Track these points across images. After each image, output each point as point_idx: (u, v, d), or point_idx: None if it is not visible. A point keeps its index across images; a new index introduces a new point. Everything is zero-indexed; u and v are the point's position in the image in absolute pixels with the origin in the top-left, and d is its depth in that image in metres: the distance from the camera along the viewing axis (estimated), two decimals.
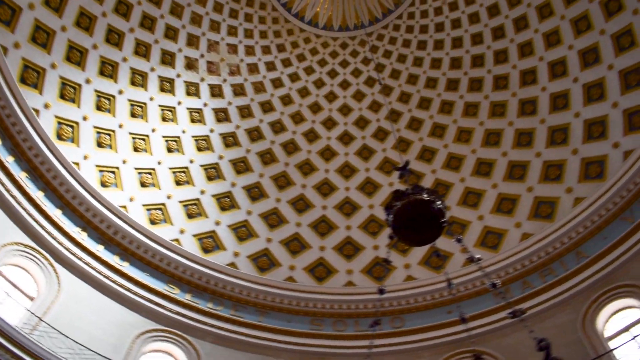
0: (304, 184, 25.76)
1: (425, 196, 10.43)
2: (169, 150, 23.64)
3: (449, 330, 19.08)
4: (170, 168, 23.26)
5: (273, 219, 24.22)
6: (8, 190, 16.47)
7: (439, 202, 10.42)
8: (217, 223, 22.95)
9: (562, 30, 23.41)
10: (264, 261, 22.69)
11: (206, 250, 21.93)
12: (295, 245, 23.65)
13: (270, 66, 28.47)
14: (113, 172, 21.23)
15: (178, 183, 23.14)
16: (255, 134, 26.51)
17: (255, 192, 24.77)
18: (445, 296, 20.22)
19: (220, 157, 24.94)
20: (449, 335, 19.08)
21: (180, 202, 22.71)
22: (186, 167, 23.71)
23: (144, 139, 22.96)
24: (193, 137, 24.70)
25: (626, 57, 20.80)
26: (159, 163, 22.96)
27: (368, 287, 21.43)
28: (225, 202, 23.84)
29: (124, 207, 20.56)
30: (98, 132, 21.40)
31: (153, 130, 23.37)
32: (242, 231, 23.30)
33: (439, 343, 19.25)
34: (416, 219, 10.42)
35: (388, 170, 25.80)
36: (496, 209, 22.92)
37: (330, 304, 21.19)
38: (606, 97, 21.24)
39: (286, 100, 28.17)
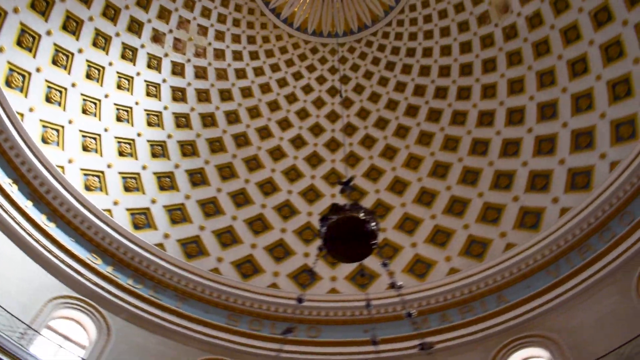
0: (248, 179, 25.53)
1: (361, 215, 10.45)
2: (119, 119, 23.10)
3: (361, 348, 19.12)
4: (116, 137, 22.71)
5: (210, 208, 23.90)
6: None
7: (373, 224, 10.45)
8: (153, 201, 22.50)
9: (527, 80, 24.05)
10: (193, 248, 22.32)
11: (137, 226, 21.43)
12: (227, 237, 23.36)
13: (237, 56, 28.23)
14: (57, 130, 20.58)
15: (121, 154, 22.62)
16: (209, 120, 26.17)
17: (197, 178, 24.41)
18: (364, 315, 20.41)
19: (169, 136, 24.51)
20: (360, 354, 19.18)
21: (120, 173, 22.17)
22: (132, 140, 23.19)
23: (95, 103, 22.37)
24: (145, 110, 24.21)
25: (581, 118, 21.50)
26: (106, 130, 22.38)
27: (291, 292, 21.27)
28: (166, 182, 23.42)
29: (61, 167, 19.95)
30: (49, 87, 20.75)
31: (106, 96, 22.81)
32: (177, 214, 22.89)
33: (349, 359, 19.42)
34: (348, 236, 10.44)
35: (333, 182, 25.89)
36: (430, 239, 23.31)
37: (251, 302, 21.03)
38: (555, 153, 21.90)
39: (246, 92, 27.94)
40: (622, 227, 18.16)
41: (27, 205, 18.00)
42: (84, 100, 22.00)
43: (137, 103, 23.92)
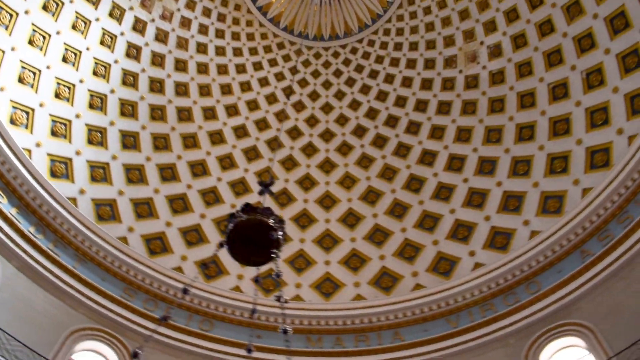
0: (181, 156, 24.70)
1: (270, 221, 10.22)
2: (65, 59, 21.96)
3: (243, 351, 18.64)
4: (57, 77, 21.49)
5: (134, 175, 22.91)
6: None
7: (280, 233, 10.22)
8: (78, 153, 21.36)
9: (475, 131, 24.69)
10: (106, 210, 21.24)
11: (54, 174, 20.22)
12: (143, 209, 22.43)
13: (203, 30, 27.53)
14: None
15: (57, 96, 21.44)
16: (157, 86, 25.31)
17: (129, 141, 23.43)
18: (261, 320, 20.07)
19: (112, 91, 23.46)
20: (246, 357, 18.80)
21: (51, 115, 20.95)
22: (73, 85, 22.03)
23: (44, 37, 21.18)
24: (95, 58, 23.11)
25: (516, 181, 22.25)
26: (48, 67, 21.16)
27: (194, 280, 20.44)
28: (96, 136, 22.38)
29: None
30: (0, 7, 19.60)
31: (58, 33, 21.61)
32: (99, 172, 21.80)
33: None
34: (252, 238, 10.21)
35: (265, 180, 25.37)
36: (344, 261, 23.29)
37: (151, 280, 20.02)
38: (484, 208, 22.45)
39: (202, 68, 27.26)
40: (527, 295, 18.86)
41: None
42: (34, 30, 20.79)
43: (88, 49, 22.81)
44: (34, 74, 20.69)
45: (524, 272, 19.39)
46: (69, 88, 21.89)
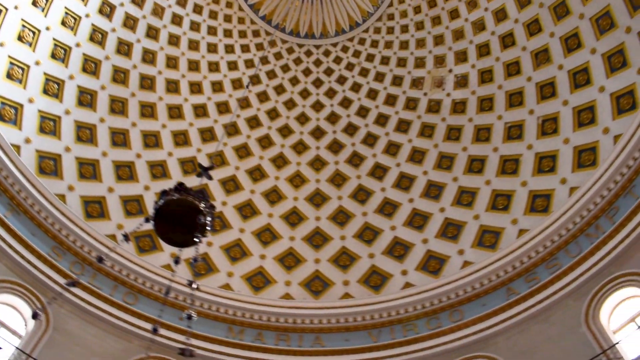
0: (135, 123, 23.97)
1: (202, 205, 10.17)
2: (35, 3, 20.93)
3: (171, 333, 17.87)
4: (23, 20, 20.60)
5: (84, 133, 22.09)
6: None
7: (208, 218, 10.18)
8: (31, 100, 20.35)
9: (429, 155, 25.22)
10: (48, 164, 20.33)
11: (2, 117, 19.18)
12: (88, 170, 21.68)
13: (182, 2, 27.00)
14: None
15: (20, 39, 20.52)
16: (124, 48, 24.50)
17: (86, 98, 22.55)
18: (187, 303, 19.82)
19: (78, 45, 22.58)
20: (159, 336, 18.35)
21: (10, 57, 20.05)
22: (39, 30, 21.13)
23: None
24: (66, 8, 22.14)
25: (459, 211, 22.84)
26: (16, 7, 20.21)
27: (127, 251, 19.89)
28: (52, 87, 21.43)
29: None
30: None
31: None
32: (48, 124, 20.84)
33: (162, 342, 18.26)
34: (180, 219, 10.16)
35: (217, 164, 25.14)
36: (279, 258, 23.36)
37: (81, 244, 19.16)
38: (424, 230, 22.99)
39: (173, 40, 26.69)
40: (449, 322, 19.54)
41: None
42: None
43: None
44: (0, 11, 19.95)
45: (451, 299, 19.94)
46: (33, 33, 21.15)
